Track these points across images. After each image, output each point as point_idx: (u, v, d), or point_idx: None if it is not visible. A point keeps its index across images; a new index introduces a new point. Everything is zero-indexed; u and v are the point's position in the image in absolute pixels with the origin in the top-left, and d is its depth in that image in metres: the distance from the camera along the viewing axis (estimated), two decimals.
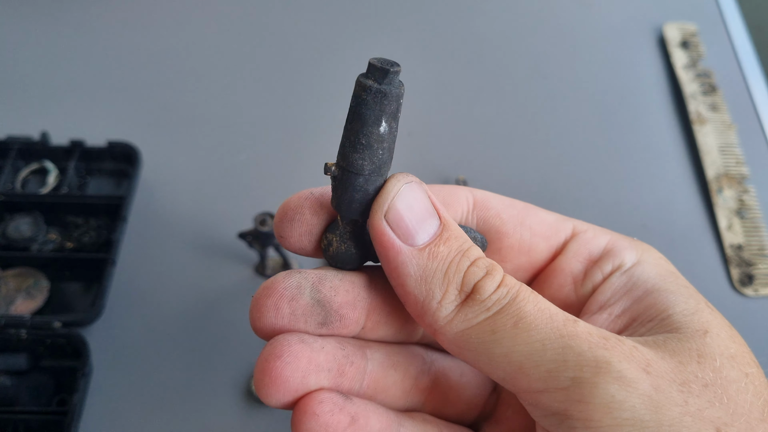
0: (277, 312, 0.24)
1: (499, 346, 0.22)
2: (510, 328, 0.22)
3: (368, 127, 0.23)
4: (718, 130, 0.67)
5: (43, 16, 0.74)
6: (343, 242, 0.25)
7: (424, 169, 0.64)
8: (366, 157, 0.23)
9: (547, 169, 0.65)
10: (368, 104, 0.22)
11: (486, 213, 0.28)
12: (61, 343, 0.50)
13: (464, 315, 0.23)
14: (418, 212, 0.24)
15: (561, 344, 0.22)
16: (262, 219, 0.52)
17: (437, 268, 0.23)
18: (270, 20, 0.75)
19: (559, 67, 0.73)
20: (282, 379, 0.23)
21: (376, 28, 0.76)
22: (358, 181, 0.23)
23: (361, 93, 0.23)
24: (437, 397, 0.28)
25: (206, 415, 0.50)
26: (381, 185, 0.24)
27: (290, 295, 0.24)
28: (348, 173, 0.23)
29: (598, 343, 0.22)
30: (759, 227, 0.61)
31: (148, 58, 0.71)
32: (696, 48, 0.74)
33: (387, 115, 0.23)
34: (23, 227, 0.57)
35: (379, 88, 0.22)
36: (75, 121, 0.65)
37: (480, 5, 0.79)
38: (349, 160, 0.23)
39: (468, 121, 0.68)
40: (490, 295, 0.23)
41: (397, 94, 0.23)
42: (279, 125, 0.67)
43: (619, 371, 0.21)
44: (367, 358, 0.26)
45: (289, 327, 0.24)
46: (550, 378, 0.22)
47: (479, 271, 0.23)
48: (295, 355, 0.23)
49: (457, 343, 0.23)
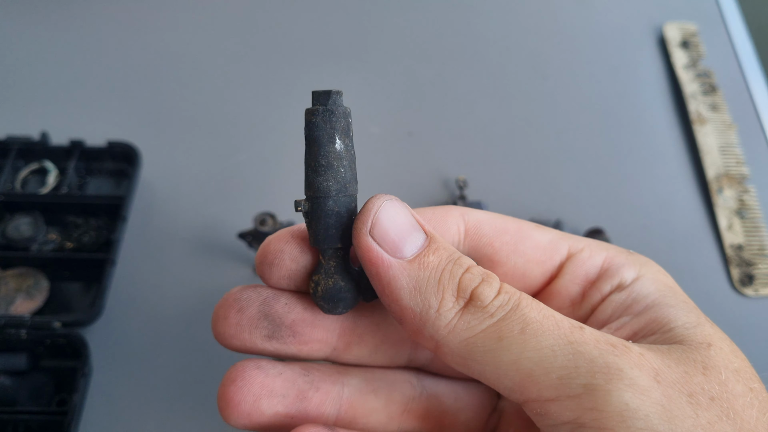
0: (225, 321, 0.25)
1: (507, 353, 0.22)
2: (517, 335, 0.22)
3: (324, 147, 0.24)
4: (719, 130, 0.67)
5: (43, 16, 0.74)
6: (329, 278, 0.25)
7: (424, 169, 0.64)
8: (330, 177, 0.24)
9: (546, 169, 0.65)
10: (318, 126, 0.24)
11: (478, 241, 0.27)
12: (60, 343, 0.50)
13: (466, 322, 0.22)
14: (402, 226, 0.23)
15: (571, 350, 0.21)
16: (262, 219, 0.52)
17: (429, 277, 0.23)
18: (270, 20, 0.75)
19: (559, 67, 0.73)
20: (235, 403, 0.24)
21: (376, 29, 0.76)
22: (328, 205, 0.24)
23: (311, 118, 0.24)
24: (432, 423, 0.27)
25: (206, 416, 0.49)
26: (352, 207, 0.24)
27: (238, 306, 0.25)
28: (317, 200, 0.24)
29: (607, 350, 0.21)
30: (759, 227, 0.61)
31: (148, 59, 0.71)
32: (696, 48, 0.74)
33: (339, 132, 0.24)
34: (23, 227, 0.57)
35: (325, 108, 0.24)
36: (75, 121, 0.65)
37: (480, 5, 0.79)
38: (314, 185, 0.24)
39: (468, 121, 0.68)
40: (491, 301, 0.22)
41: (344, 112, 0.24)
42: (279, 125, 0.66)
43: (631, 378, 0.21)
44: (343, 384, 0.26)
45: (235, 336, 0.25)
46: (562, 385, 0.21)
47: (474, 277, 0.23)
48: (248, 380, 0.24)
49: (461, 354, 0.23)
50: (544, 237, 0.28)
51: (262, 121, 0.67)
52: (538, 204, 0.62)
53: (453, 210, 0.27)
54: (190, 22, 0.75)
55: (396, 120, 0.67)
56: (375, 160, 0.64)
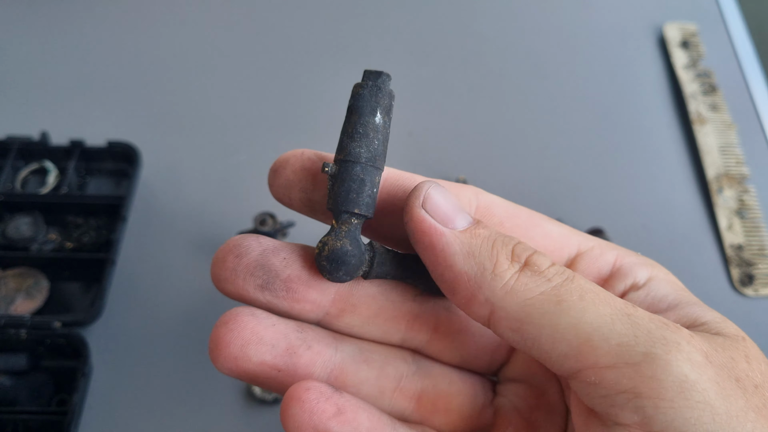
0: (222, 264, 0.25)
1: (566, 316, 0.21)
2: (577, 300, 0.22)
3: (365, 117, 0.25)
4: (719, 130, 0.67)
5: (43, 16, 0.74)
6: (338, 240, 0.25)
7: (424, 169, 0.64)
8: (363, 145, 0.25)
9: (546, 169, 0.65)
10: (364, 97, 0.25)
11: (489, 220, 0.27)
12: (60, 343, 0.50)
13: (524, 284, 0.22)
14: (451, 204, 0.24)
15: (629, 321, 0.21)
16: (262, 219, 0.52)
17: (482, 244, 0.23)
18: (270, 21, 0.75)
19: (559, 67, 0.73)
20: (223, 344, 0.24)
21: (376, 29, 0.76)
22: (356, 170, 0.25)
23: (358, 90, 0.25)
24: (427, 405, 0.27)
25: (206, 415, 0.49)
26: (376, 180, 0.25)
27: (237, 251, 0.25)
28: (345, 163, 0.25)
29: (661, 326, 0.21)
30: (759, 227, 0.61)
31: (148, 58, 0.71)
32: (696, 48, 0.74)
33: (382, 108, 0.25)
34: (23, 227, 0.57)
35: (374, 83, 0.25)
36: (75, 121, 0.65)
37: (480, 5, 0.79)
38: (347, 150, 0.25)
39: (468, 121, 0.68)
40: (548, 268, 0.23)
41: (390, 93, 0.25)
42: (279, 125, 0.67)
43: (688, 352, 0.20)
44: (336, 348, 0.26)
45: (229, 281, 0.25)
46: (621, 352, 0.21)
47: (527, 248, 0.23)
48: (239, 324, 0.24)
49: (518, 317, 0.22)
50: (555, 229, 0.28)
51: (263, 121, 0.67)
52: (538, 204, 0.62)
53: (467, 188, 0.27)
54: (190, 22, 0.75)
55: (396, 119, 0.67)
56: None
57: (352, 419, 0.23)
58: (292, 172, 0.26)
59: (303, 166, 0.26)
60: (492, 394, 0.29)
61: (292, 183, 0.26)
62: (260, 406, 0.50)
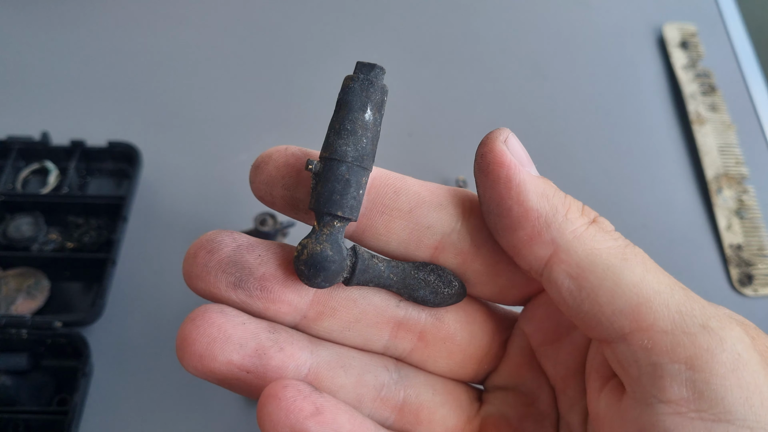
0: (193, 260, 0.24)
1: (630, 273, 0.21)
2: (641, 263, 0.22)
3: (354, 112, 0.23)
4: (718, 131, 0.67)
5: (44, 16, 0.74)
6: (318, 243, 0.24)
7: (424, 169, 0.64)
8: (350, 143, 0.23)
9: (546, 169, 0.64)
10: (355, 91, 0.23)
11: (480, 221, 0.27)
12: (61, 342, 0.50)
13: (593, 234, 0.23)
14: (526, 154, 0.24)
15: (685, 294, 0.21)
16: (262, 219, 0.52)
17: (557, 191, 0.24)
18: (269, 21, 0.76)
19: (558, 68, 0.73)
20: (189, 342, 0.23)
21: (376, 29, 0.76)
22: (341, 170, 0.23)
23: (349, 83, 0.24)
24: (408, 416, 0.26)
25: (206, 415, 0.50)
26: (363, 181, 0.24)
27: (210, 247, 0.24)
28: (330, 161, 0.23)
29: (713, 305, 0.21)
30: (758, 227, 0.61)
31: (148, 59, 0.71)
32: (695, 48, 0.74)
33: (372, 104, 0.24)
34: (24, 227, 0.57)
35: (366, 77, 0.23)
36: (75, 121, 0.65)
37: (479, 5, 0.79)
38: (332, 147, 0.23)
39: (468, 121, 0.68)
40: (613, 231, 0.23)
41: (383, 88, 0.24)
42: (279, 125, 0.67)
43: (738, 332, 0.20)
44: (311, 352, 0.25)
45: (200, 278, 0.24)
46: (680, 320, 0.20)
47: (593, 212, 0.24)
48: (207, 321, 0.23)
49: (582, 264, 0.22)
50: None
51: (262, 121, 0.67)
52: None
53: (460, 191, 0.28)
54: (191, 22, 0.75)
55: (396, 120, 0.67)
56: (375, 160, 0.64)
57: (332, 420, 0.22)
58: (274, 168, 0.25)
59: (287, 162, 0.25)
60: (478, 403, 0.28)
61: (274, 179, 0.25)
62: None
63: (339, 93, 0.24)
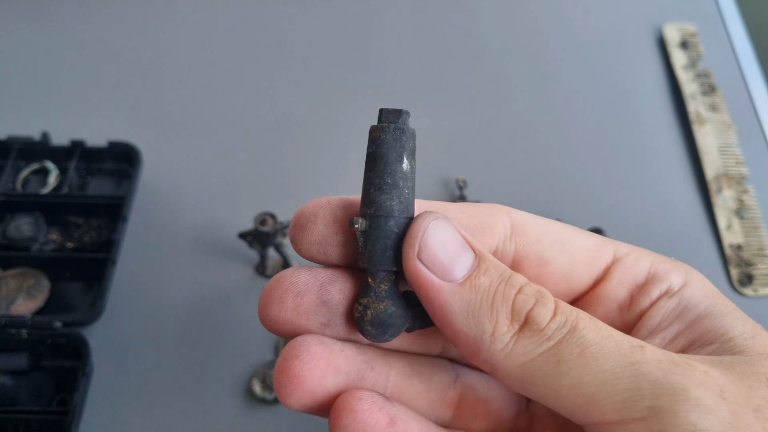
0: (281, 305, 0.24)
1: (566, 377, 0.21)
2: (576, 358, 0.21)
3: (392, 165, 0.23)
4: (718, 130, 0.67)
5: (44, 16, 0.74)
6: (380, 302, 0.24)
7: (424, 169, 0.64)
8: (394, 197, 0.23)
9: (546, 169, 0.65)
10: (388, 143, 0.23)
11: (524, 239, 0.26)
12: (61, 342, 0.51)
13: (523, 346, 0.22)
14: (450, 247, 0.23)
15: (633, 372, 0.21)
16: (262, 219, 0.52)
17: (482, 300, 0.22)
18: (270, 21, 0.76)
19: (559, 68, 0.73)
20: (299, 379, 0.23)
21: (376, 29, 0.76)
22: (389, 225, 0.23)
23: (379, 134, 0.23)
24: (466, 411, 0.27)
25: (206, 415, 0.50)
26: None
27: (296, 290, 0.24)
28: (377, 219, 0.23)
29: (670, 369, 0.21)
30: (758, 227, 0.61)
31: (148, 59, 0.71)
32: (695, 48, 0.74)
33: (407, 152, 0.24)
34: (24, 227, 0.57)
35: (396, 125, 0.23)
36: (75, 121, 0.65)
37: (480, 6, 0.79)
38: (377, 203, 0.23)
39: (468, 121, 0.68)
40: (547, 324, 0.22)
41: (412, 133, 0.24)
42: (279, 125, 0.67)
43: (696, 398, 0.20)
44: (390, 365, 0.25)
45: (292, 322, 0.24)
46: (626, 408, 0.20)
47: (528, 298, 0.22)
48: (313, 355, 0.23)
49: (519, 378, 0.22)
50: (588, 240, 0.27)
51: (262, 121, 0.67)
52: (538, 204, 0.62)
53: (498, 208, 0.27)
54: (191, 22, 0.75)
55: None
56: None
57: (404, 430, 0.23)
58: (324, 226, 0.24)
59: (335, 218, 0.24)
60: (526, 399, 0.29)
61: (327, 239, 0.25)
62: (260, 406, 0.50)
63: (369, 145, 0.24)
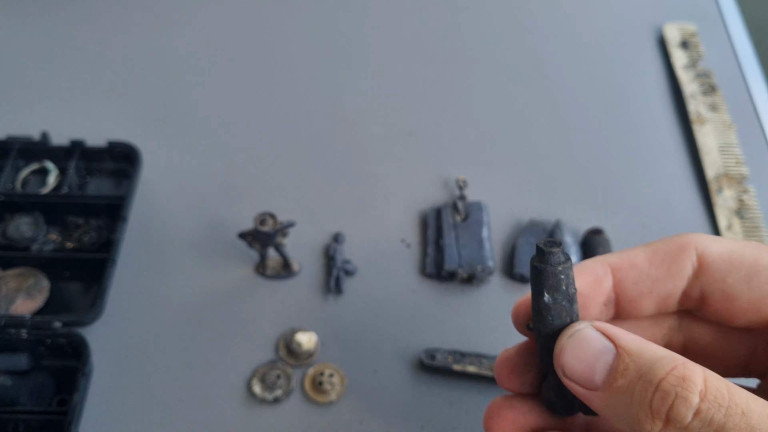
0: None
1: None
2: None
3: (536, 296, 0.27)
4: (718, 130, 0.67)
5: (43, 15, 0.74)
6: (549, 391, 0.28)
7: (424, 169, 0.64)
8: (539, 321, 0.27)
9: (546, 169, 0.65)
10: (532, 279, 0.27)
11: (709, 278, 0.27)
12: (61, 343, 0.50)
13: None
14: (587, 359, 0.25)
15: None
16: (262, 219, 0.52)
17: (622, 403, 0.24)
18: (270, 20, 0.76)
19: (559, 67, 0.73)
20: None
21: (376, 28, 0.76)
22: (540, 341, 0.27)
23: (530, 269, 0.27)
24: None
25: (206, 415, 0.50)
26: None
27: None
28: (536, 331, 0.27)
29: None
30: (759, 227, 0.61)
31: (148, 59, 0.71)
32: (696, 48, 0.74)
33: (548, 288, 0.26)
34: (23, 227, 0.57)
35: (536, 266, 0.26)
36: (75, 121, 0.65)
37: (480, 5, 0.79)
38: (533, 322, 0.27)
39: (468, 121, 0.68)
40: (690, 422, 0.22)
41: (553, 271, 0.26)
42: (279, 125, 0.67)
43: None
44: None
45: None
46: None
47: (666, 396, 0.22)
48: (501, 416, 0.28)
49: None
50: None
51: (262, 121, 0.67)
52: (538, 204, 0.62)
53: (686, 243, 0.28)
54: (190, 22, 0.75)
55: (396, 120, 0.67)
56: (375, 160, 0.64)
57: None
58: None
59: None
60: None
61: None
62: (260, 406, 0.50)
63: (537, 277, 0.26)
